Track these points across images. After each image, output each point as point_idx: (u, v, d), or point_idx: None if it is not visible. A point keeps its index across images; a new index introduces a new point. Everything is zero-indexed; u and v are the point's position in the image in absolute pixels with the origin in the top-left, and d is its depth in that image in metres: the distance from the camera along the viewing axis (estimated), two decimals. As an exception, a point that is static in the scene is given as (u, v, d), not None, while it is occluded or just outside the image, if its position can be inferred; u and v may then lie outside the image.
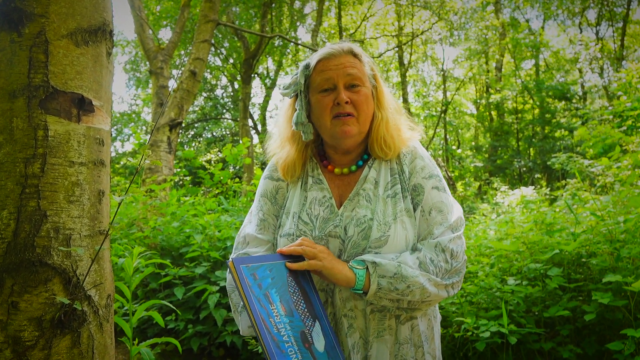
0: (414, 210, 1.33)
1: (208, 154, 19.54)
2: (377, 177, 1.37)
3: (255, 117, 20.95)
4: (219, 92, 22.95)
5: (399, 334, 1.30)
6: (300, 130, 1.37)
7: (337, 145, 1.38)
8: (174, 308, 2.01)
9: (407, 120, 1.45)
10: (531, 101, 19.37)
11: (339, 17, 18.66)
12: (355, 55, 1.35)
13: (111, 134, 1.29)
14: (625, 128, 5.47)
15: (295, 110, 1.38)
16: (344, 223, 1.32)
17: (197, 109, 22.05)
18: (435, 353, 1.36)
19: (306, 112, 1.36)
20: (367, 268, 1.22)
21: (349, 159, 1.41)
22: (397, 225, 1.29)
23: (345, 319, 1.30)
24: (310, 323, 1.17)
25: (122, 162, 16.31)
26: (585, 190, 4.91)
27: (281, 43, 17.75)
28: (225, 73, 20.93)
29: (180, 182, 8.22)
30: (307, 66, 1.36)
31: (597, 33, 20.93)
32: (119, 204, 1.12)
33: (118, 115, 21.42)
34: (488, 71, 21.97)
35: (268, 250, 1.40)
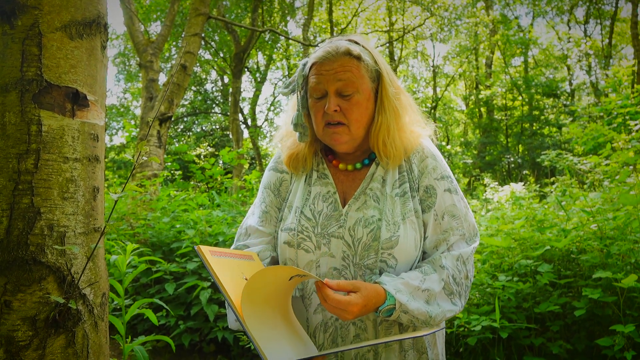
0: (424, 212, 1.29)
1: (198, 148, 19.41)
2: (384, 175, 1.32)
3: (245, 111, 20.85)
4: (208, 86, 22.81)
5: (403, 341, 1.27)
6: (298, 131, 1.32)
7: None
8: (166, 306, 2.00)
9: (418, 115, 1.38)
10: (520, 98, 19.51)
11: (330, 12, 18.60)
12: (352, 55, 1.26)
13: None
14: (615, 125, 5.52)
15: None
16: (349, 224, 1.27)
17: (186, 103, 21.88)
18: (439, 358, 1.34)
19: (306, 110, 1.32)
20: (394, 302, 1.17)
21: (354, 157, 1.36)
22: (407, 225, 1.25)
23: (354, 327, 1.26)
24: None
25: (110, 156, 16.14)
26: (574, 187, 4.95)
27: (272, 38, 17.67)
28: (215, 67, 20.78)
29: (172, 177, 8.16)
30: (304, 66, 1.31)
31: (585, 31, 21.13)
32: (115, 201, 1.10)
33: (106, 108, 21.13)
34: (478, 68, 22.08)
35: (269, 243, 1.37)
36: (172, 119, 7.38)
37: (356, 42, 1.30)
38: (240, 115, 17.70)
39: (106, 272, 1.24)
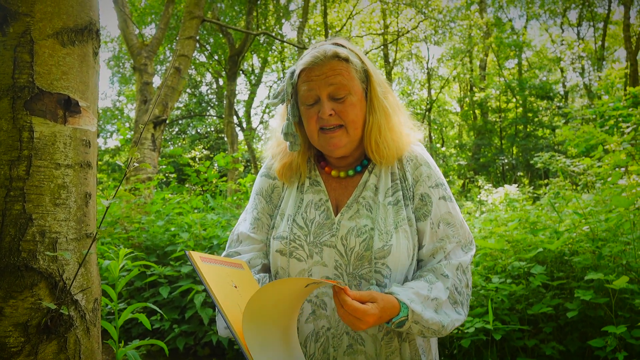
0: (420, 220, 1.28)
1: (193, 150, 19.38)
2: (377, 183, 1.31)
3: (240, 114, 20.85)
4: (203, 88, 22.77)
5: (404, 353, 1.26)
6: (289, 141, 1.31)
7: (328, 155, 1.33)
8: (160, 311, 1.99)
9: (408, 119, 1.37)
10: (514, 100, 19.60)
11: (325, 15, 18.62)
12: (341, 58, 1.24)
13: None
14: (607, 128, 5.56)
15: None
16: (341, 233, 1.26)
17: (181, 105, 21.84)
18: None
19: (297, 118, 1.30)
20: (407, 313, 1.15)
21: (347, 163, 1.35)
22: (399, 234, 1.24)
23: (347, 337, 1.24)
24: None
25: (104, 159, 16.08)
26: (567, 190, 4.99)
27: (267, 41, 17.67)
28: (210, 70, 20.76)
29: (166, 181, 8.15)
30: (292, 74, 1.29)
31: (578, 33, 21.27)
32: (107, 208, 1.11)
33: (100, 111, 21.10)
34: (472, 70, 22.17)
35: (260, 250, 1.36)
36: (167, 121, 7.37)
37: (341, 45, 1.29)
38: (235, 117, 17.69)
39: (98, 277, 1.24)
